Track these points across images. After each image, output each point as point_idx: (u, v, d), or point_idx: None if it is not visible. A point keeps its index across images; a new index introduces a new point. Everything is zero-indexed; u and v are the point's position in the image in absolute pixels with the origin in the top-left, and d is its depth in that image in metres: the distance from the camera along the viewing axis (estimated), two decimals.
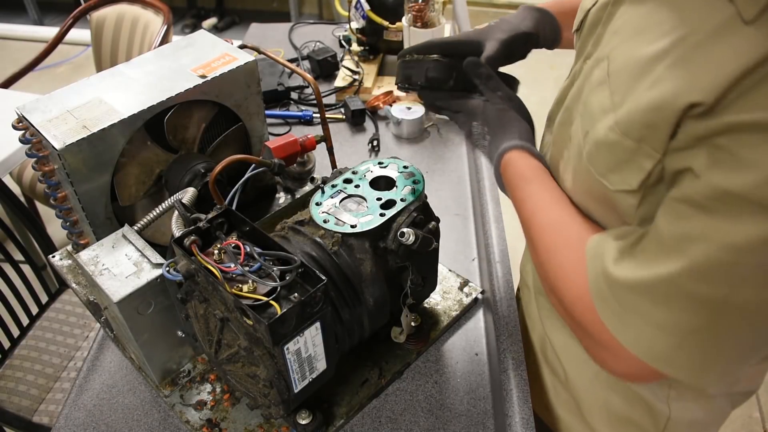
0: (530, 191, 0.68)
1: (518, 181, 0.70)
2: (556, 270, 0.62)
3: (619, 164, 0.55)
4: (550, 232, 0.65)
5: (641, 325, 0.52)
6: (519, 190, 0.70)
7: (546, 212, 0.66)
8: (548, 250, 0.64)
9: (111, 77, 0.88)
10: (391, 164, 0.83)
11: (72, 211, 0.86)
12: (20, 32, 4.12)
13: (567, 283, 0.60)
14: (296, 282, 0.64)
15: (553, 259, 0.63)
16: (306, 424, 0.74)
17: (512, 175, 0.71)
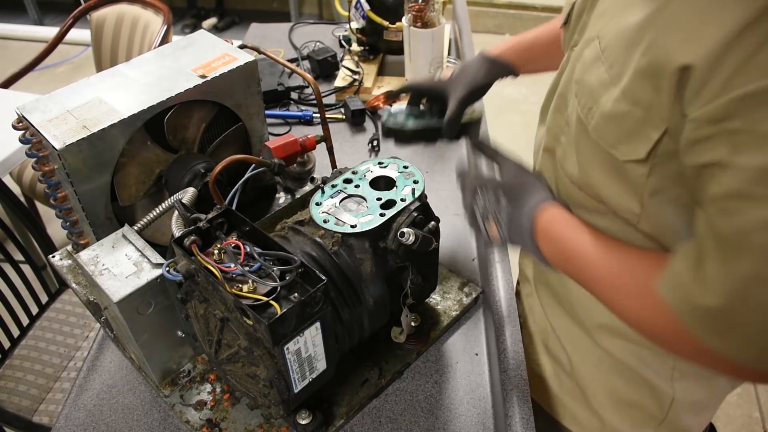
0: (579, 241, 0.67)
1: (564, 231, 0.68)
2: (635, 316, 0.62)
3: (627, 135, 0.55)
4: (613, 277, 0.63)
5: (742, 335, 0.52)
6: (566, 240, 0.68)
7: (604, 259, 0.65)
8: (616, 296, 0.63)
9: (111, 77, 0.88)
10: (391, 164, 0.83)
11: (72, 211, 0.86)
12: (20, 32, 4.12)
13: (657, 328, 0.60)
14: (296, 282, 0.64)
15: (627, 305, 0.62)
16: (306, 424, 0.74)
17: (554, 228, 0.68)
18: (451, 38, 1.65)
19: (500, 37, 3.87)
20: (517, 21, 3.86)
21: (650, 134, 0.53)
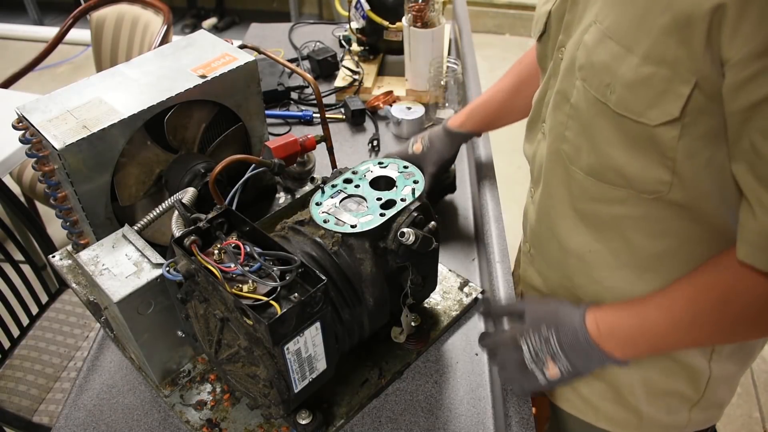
0: (641, 310, 0.66)
1: (622, 314, 0.67)
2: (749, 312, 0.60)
3: (656, 97, 0.56)
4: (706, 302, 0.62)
5: None
6: (629, 319, 0.66)
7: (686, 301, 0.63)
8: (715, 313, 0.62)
9: (111, 77, 0.88)
10: (391, 164, 0.83)
11: (72, 211, 0.86)
12: (20, 32, 4.11)
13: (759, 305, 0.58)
14: (296, 282, 0.64)
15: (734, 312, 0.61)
16: (306, 424, 0.74)
17: (610, 319, 0.67)
18: (451, 38, 1.65)
19: (500, 37, 3.87)
20: (517, 21, 3.86)
21: (680, 90, 0.54)
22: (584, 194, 0.70)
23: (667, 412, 0.80)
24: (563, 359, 0.67)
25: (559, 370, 0.67)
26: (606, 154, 0.64)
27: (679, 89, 0.54)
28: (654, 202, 0.64)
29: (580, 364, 0.66)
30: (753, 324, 0.61)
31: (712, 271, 0.61)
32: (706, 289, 0.61)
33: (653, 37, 0.54)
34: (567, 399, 0.87)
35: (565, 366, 0.67)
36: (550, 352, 0.67)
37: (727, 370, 0.78)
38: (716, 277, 0.61)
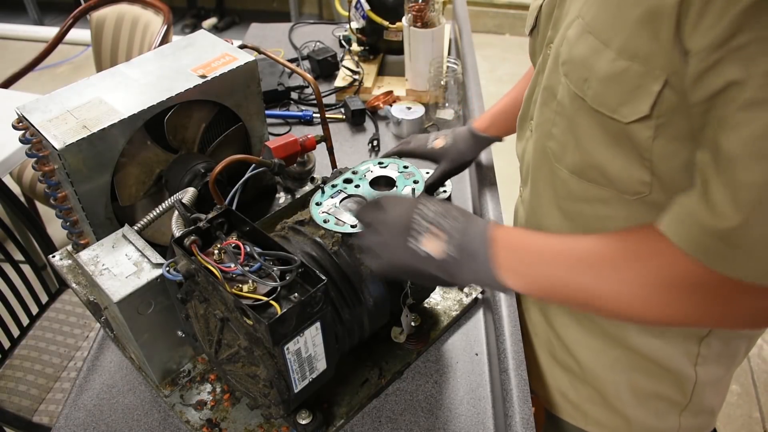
0: (550, 238, 0.61)
1: (530, 235, 0.62)
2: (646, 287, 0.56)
3: (628, 93, 0.55)
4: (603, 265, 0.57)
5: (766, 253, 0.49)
6: (536, 239, 0.61)
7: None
8: (614, 273, 0.57)
9: (111, 77, 0.88)
10: (391, 164, 0.83)
11: (72, 211, 0.86)
12: (20, 32, 4.11)
13: (668, 286, 0.54)
14: (296, 282, 0.64)
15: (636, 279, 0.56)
16: (306, 424, 0.74)
17: (517, 234, 0.62)
18: (451, 38, 1.65)
19: (500, 37, 3.88)
20: (517, 21, 3.86)
21: (651, 87, 0.53)
22: (569, 194, 0.70)
23: (656, 416, 0.79)
24: (453, 239, 0.59)
25: (441, 250, 0.59)
26: (588, 152, 0.63)
27: (650, 86, 0.54)
28: (637, 203, 0.63)
29: (464, 257, 0.59)
30: (644, 288, 0.55)
31: (629, 230, 0.58)
32: (615, 241, 0.57)
33: (627, 31, 0.54)
34: (557, 404, 0.87)
35: (450, 249, 0.59)
36: (443, 226, 0.60)
37: (714, 373, 0.77)
38: (630, 235, 0.58)
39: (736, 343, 0.76)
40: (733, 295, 0.52)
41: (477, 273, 0.59)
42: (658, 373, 0.76)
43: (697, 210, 0.51)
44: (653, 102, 0.54)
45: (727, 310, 0.53)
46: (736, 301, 0.52)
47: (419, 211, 0.62)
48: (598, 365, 0.79)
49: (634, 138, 0.58)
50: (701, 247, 0.51)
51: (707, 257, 0.51)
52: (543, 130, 0.71)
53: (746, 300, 0.52)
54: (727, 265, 0.50)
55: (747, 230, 0.48)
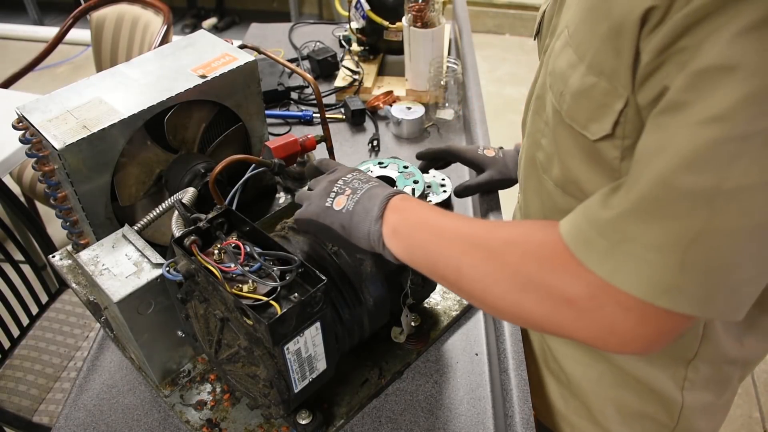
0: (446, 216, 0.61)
1: (428, 208, 0.63)
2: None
3: (595, 110, 0.54)
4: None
5: (637, 254, 0.46)
6: (429, 211, 0.62)
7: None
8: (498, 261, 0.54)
9: (111, 77, 0.88)
10: (391, 164, 0.83)
11: (72, 211, 0.86)
12: (20, 32, 4.11)
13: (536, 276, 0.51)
14: (296, 282, 0.64)
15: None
16: (306, 424, 0.74)
17: (415, 204, 0.63)
18: (451, 38, 1.65)
19: (500, 37, 3.88)
20: (517, 21, 3.86)
21: (614, 105, 0.52)
22: (554, 205, 0.69)
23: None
24: (355, 196, 0.64)
25: (343, 204, 0.64)
26: (568, 167, 0.63)
27: (614, 104, 0.52)
28: None
29: (358, 211, 0.63)
30: (505, 271, 0.53)
31: (533, 221, 0.57)
32: (506, 226, 0.56)
33: (595, 47, 0.53)
34: (547, 413, 0.86)
35: (350, 204, 0.64)
36: (355, 187, 0.66)
37: (703, 399, 0.74)
38: (525, 222, 0.57)
39: (726, 370, 0.73)
40: (590, 299, 0.49)
41: (366, 230, 0.62)
42: (644, 392, 0.74)
43: (594, 201, 0.50)
44: (615, 120, 0.53)
45: (582, 316, 0.50)
46: (593, 306, 0.49)
47: (345, 177, 0.67)
48: (584, 379, 0.78)
49: (604, 156, 0.57)
50: (576, 231, 0.49)
51: (576, 244, 0.49)
52: (533, 140, 0.70)
53: (606, 307, 0.48)
54: (593, 258, 0.48)
55: (621, 224, 0.46)
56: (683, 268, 0.44)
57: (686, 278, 0.45)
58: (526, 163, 0.74)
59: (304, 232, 0.70)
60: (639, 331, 0.48)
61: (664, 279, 0.45)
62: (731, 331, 0.68)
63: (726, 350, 0.69)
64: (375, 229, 0.62)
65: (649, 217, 0.45)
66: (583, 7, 0.56)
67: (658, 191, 0.45)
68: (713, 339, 0.67)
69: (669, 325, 0.47)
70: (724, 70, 0.41)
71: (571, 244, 0.50)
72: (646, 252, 0.45)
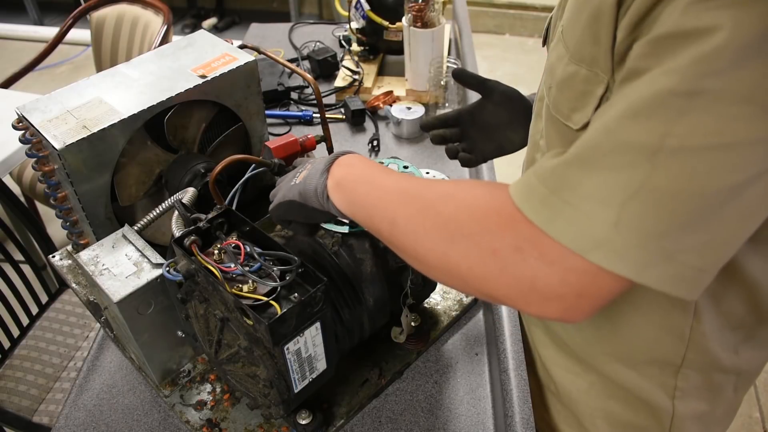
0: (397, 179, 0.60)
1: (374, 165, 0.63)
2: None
3: (578, 99, 0.54)
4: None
5: (574, 203, 0.44)
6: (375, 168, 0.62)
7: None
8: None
9: (111, 77, 0.88)
10: (391, 164, 0.83)
11: (72, 211, 0.86)
12: (20, 32, 4.11)
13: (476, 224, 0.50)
14: (296, 282, 0.64)
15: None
16: (306, 424, 0.74)
17: (360, 159, 0.64)
18: (451, 38, 1.65)
19: (500, 37, 3.87)
20: (517, 21, 3.86)
21: (595, 91, 0.52)
22: None
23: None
24: (311, 168, 0.67)
25: (302, 177, 0.67)
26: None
27: (595, 90, 0.52)
28: None
29: (311, 175, 0.65)
30: (437, 217, 0.52)
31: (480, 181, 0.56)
32: (451, 183, 0.55)
33: (577, 35, 0.53)
34: (537, 423, 0.84)
35: (305, 173, 0.67)
36: (313, 162, 0.68)
37: (695, 408, 0.73)
38: (470, 181, 0.56)
39: (718, 378, 0.71)
40: (516, 251, 0.47)
41: (314, 185, 0.64)
42: (634, 402, 0.73)
43: (546, 156, 0.49)
44: (596, 106, 0.52)
45: (505, 269, 0.47)
46: (517, 259, 0.47)
47: (310, 160, 0.70)
48: (573, 388, 0.77)
49: None
50: (522, 183, 0.49)
51: (519, 194, 0.48)
52: (533, 141, 0.70)
53: (530, 260, 0.46)
54: (531, 205, 0.46)
55: (562, 171, 0.45)
56: (619, 224, 0.43)
57: (621, 236, 0.43)
58: (526, 165, 0.74)
59: (280, 223, 0.72)
60: (560, 290, 0.46)
61: (598, 233, 0.43)
62: (725, 340, 0.67)
63: (717, 358, 0.67)
64: (320, 182, 0.63)
65: (590, 166, 0.44)
66: (573, 3, 0.56)
67: (600, 138, 0.44)
68: (701, 345, 0.66)
69: (595, 287, 0.45)
70: (679, 35, 0.41)
71: (514, 195, 0.48)
72: (582, 202, 0.44)
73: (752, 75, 0.40)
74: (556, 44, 0.59)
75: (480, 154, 0.89)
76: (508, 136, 0.87)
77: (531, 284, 0.47)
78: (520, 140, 0.87)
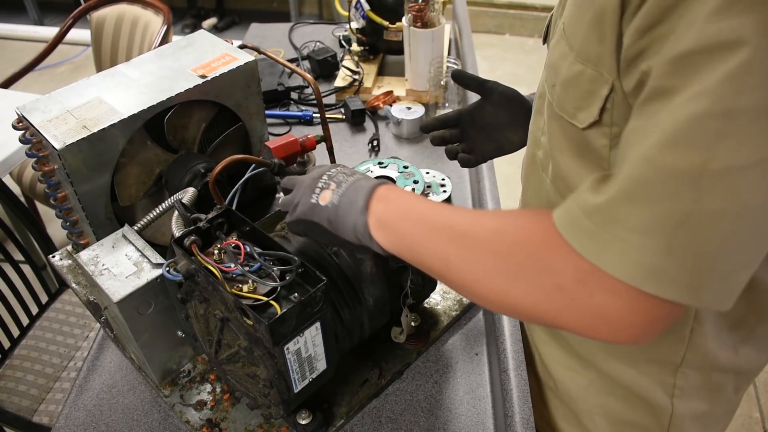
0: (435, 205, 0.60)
1: (416, 198, 0.62)
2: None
3: (583, 97, 0.54)
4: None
5: (623, 237, 0.45)
6: (416, 202, 0.61)
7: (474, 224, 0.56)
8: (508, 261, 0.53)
9: (111, 77, 0.88)
10: (391, 164, 0.83)
11: (72, 211, 0.86)
12: (20, 32, 4.11)
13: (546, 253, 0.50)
14: (296, 282, 0.64)
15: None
16: (306, 424, 0.74)
17: (402, 194, 0.62)
18: (451, 38, 1.65)
19: (500, 37, 3.87)
20: (517, 21, 3.86)
21: (600, 91, 0.52)
22: (550, 204, 0.67)
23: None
24: (340, 189, 0.63)
25: (329, 199, 0.63)
26: (557, 162, 0.62)
27: (600, 90, 0.52)
28: None
29: (343, 204, 0.62)
30: (493, 258, 0.52)
31: (521, 211, 0.56)
32: (498, 215, 0.55)
33: (582, 34, 0.53)
34: (536, 420, 0.84)
35: (335, 198, 0.63)
36: (339, 180, 0.64)
37: (695, 407, 0.73)
38: (515, 212, 0.56)
39: (718, 378, 0.71)
40: (581, 285, 0.47)
41: (353, 222, 0.61)
42: (633, 400, 0.73)
43: (585, 187, 0.49)
44: (602, 107, 0.52)
45: (572, 303, 0.48)
46: (583, 293, 0.47)
47: (329, 172, 0.66)
48: (573, 385, 0.77)
49: (592, 145, 0.56)
50: (567, 216, 0.48)
51: (566, 228, 0.48)
52: (534, 138, 0.70)
53: (596, 294, 0.47)
54: (580, 240, 0.47)
55: (607, 206, 0.45)
56: (670, 252, 0.43)
57: (673, 262, 0.43)
58: (527, 162, 0.74)
59: (297, 234, 0.69)
60: (630, 318, 0.46)
61: (650, 263, 0.44)
62: (724, 339, 0.67)
63: (716, 357, 0.67)
64: (361, 221, 0.60)
65: (635, 199, 0.44)
66: (575, 0, 0.56)
67: (642, 171, 0.44)
68: (701, 344, 0.66)
69: (659, 312, 0.46)
70: (704, 51, 0.40)
71: (561, 228, 0.49)
72: (631, 234, 0.44)
73: None
74: (557, 41, 0.59)
75: (480, 155, 0.89)
76: (507, 137, 0.87)
77: (601, 315, 0.47)
78: (520, 140, 0.87)
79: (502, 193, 1.04)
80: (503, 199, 1.02)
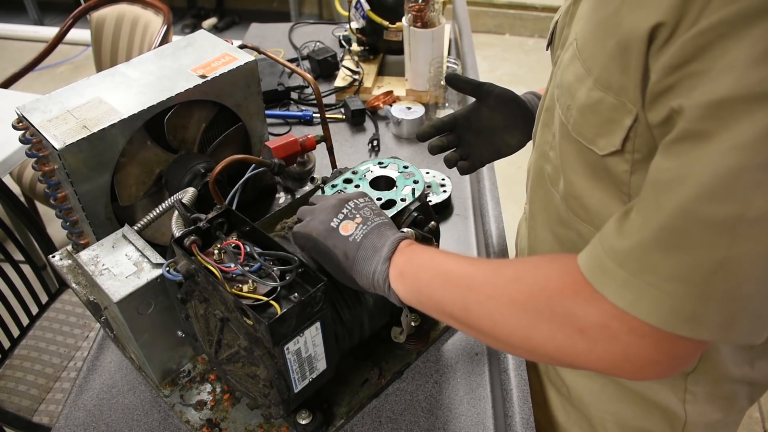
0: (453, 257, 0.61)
1: (436, 252, 0.63)
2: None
3: (604, 125, 0.54)
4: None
5: (657, 285, 0.45)
6: (437, 255, 0.62)
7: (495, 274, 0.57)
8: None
9: (111, 77, 0.88)
10: (391, 164, 0.83)
11: (72, 211, 0.86)
12: (20, 32, 4.11)
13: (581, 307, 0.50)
14: (296, 282, 0.64)
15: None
16: (306, 424, 0.74)
17: (422, 249, 0.63)
18: (451, 38, 1.65)
19: (500, 37, 3.87)
20: (517, 21, 3.86)
21: (623, 121, 0.51)
22: (560, 219, 0.68)
23: None
24: (366, 226, 0.64)
25: (351, 230, 0.64)
26: (571, 181, 0.62)
27: (622, 120, 0.51)
28: None
29: (366, 246, 0.63)
30: (526, 313, 0.53)
31: (539, 258, 0.57)
32: (516, 263, 0.57)
33: (603, 62, 0.52)
34: (547, 425, 0.85)
35: (358, 233, 0.63)
36: (365, 215, 0.65)
37: (707, 415, 0.72)
38: (533, 259, 0.56)
39: (730, 387, 0.71)
40: (604, 328, 0.48)
41: (372, 268, 0.62)
42: (646, 407, 0.73)
43: (609, 229, 0.49)
44: (624, 136, 0.52)
45: (595, 345, 0.49)
46: (607, 336, 0.48)
47: (356, 200, 0.67)
48: (586, 392, 0.77)
49: (612, 171, 0.56)
50: (594, 262, 0.49)
51: (594, 275, 0.49)
52: (541, 151, 0.70)
53: (620, 336, 0.48)
54: (611, 288, 0.47)
55: (639, 254, 0.46)
56: (705, 297, 0.44)
57: (708, 307, 0.44)
58: (534, 174, 0.74)
59: (299, 247, 0.69)
60: (655, 357, 0.48)
61: (685, 309, 0.45)
62: (740, 353, 0.67)
63: (728, 369, 0.67)
64: (382, 270, 0.62)
65: (670, 248, 0.45)
66: (593, 20, 0.55)
67: (678, 222, 0.44)
68: (713, 357, 0.66)
69: (686, 350, 0.47)
70: (745, 100, 0.40)
71: (588, 274, 0.49)
72: (666, 282, 0.45)
73: None
74: (571, 61, 0.58)
75: (477, 159, 0.89)
76: (505, 140, 0.87)
77: (625, 356, 0.48)
78: (518, 143, 0.87)
79: (502, 193, 1.04)
80: (503, 199, 1.02)
